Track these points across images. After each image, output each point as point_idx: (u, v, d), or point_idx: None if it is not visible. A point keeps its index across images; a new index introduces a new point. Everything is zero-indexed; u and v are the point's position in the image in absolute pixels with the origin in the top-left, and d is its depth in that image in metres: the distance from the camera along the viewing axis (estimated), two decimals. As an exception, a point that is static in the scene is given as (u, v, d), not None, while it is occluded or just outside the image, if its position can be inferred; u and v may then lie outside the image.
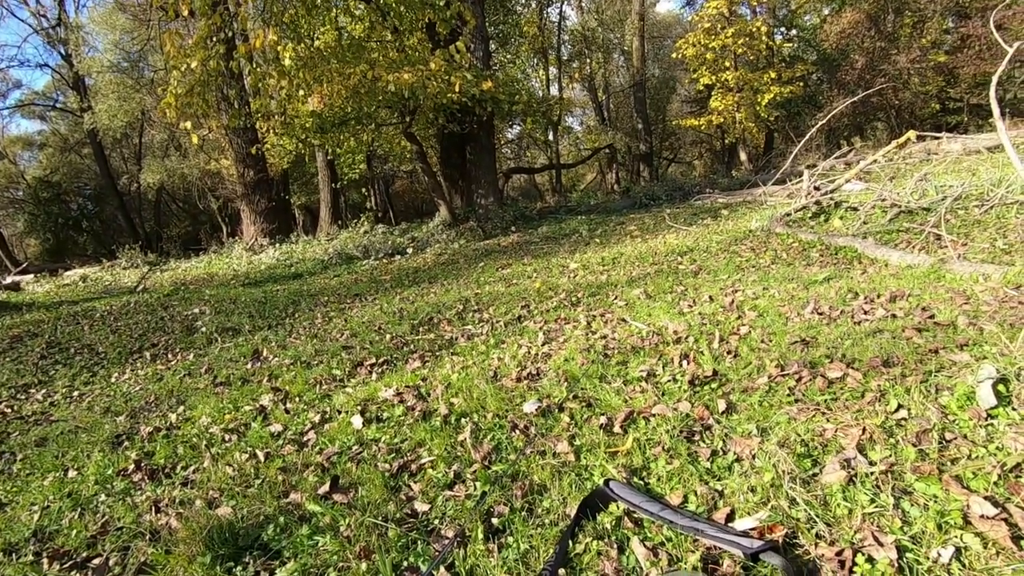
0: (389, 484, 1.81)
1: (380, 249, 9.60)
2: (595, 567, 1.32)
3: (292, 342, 4.14)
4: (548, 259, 6.66)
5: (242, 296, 6.63)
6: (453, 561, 1.41)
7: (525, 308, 4.10)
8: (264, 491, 1.88)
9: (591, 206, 12.42)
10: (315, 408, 2.62)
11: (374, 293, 6.07)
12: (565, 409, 2.13)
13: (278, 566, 1.47)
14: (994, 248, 3.75)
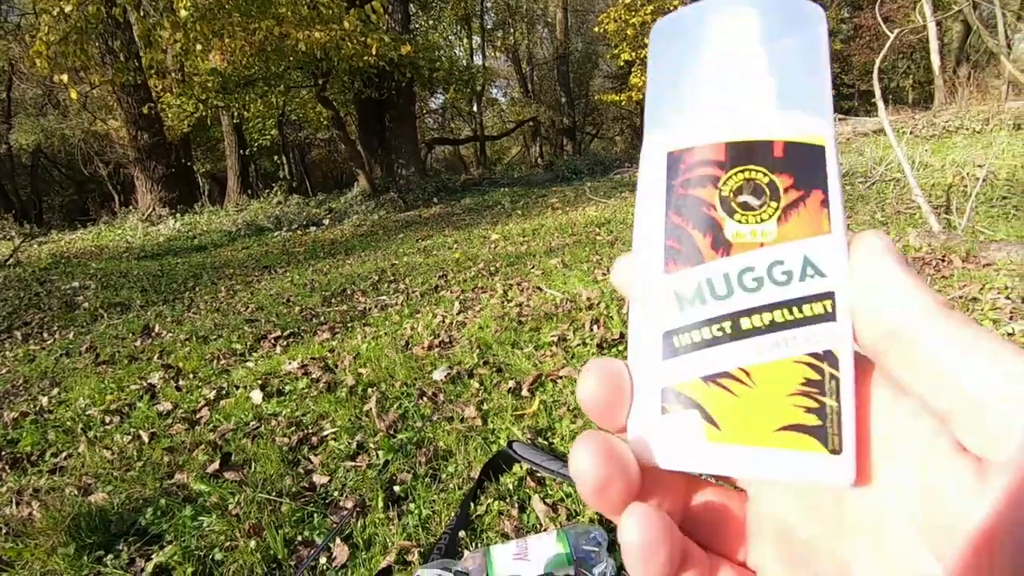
0: (287, 458, 1.71)
1: (294, 220, 9.11)
2: (496, 527, 1.32)
3: (190, 317, 3.84)
4: (469, 230, 6.59)
5: (135, 269, 6.07)
6: (351, 532, 1.36)
7: (443, 278, 4.04)
8: (146, 473, 1.72)
9: (515, 179, 12.41)
10: (211, 384, 2.44)
11: (285, 265, 5.75)
12: (475, 375, 2.11)
13: (156, 551, 1.36)
14: (874, 220, 4.10)
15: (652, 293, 0.20)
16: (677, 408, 0.19)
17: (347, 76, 9.63)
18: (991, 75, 12.52)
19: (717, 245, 0.20)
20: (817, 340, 0.18)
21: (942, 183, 4.56)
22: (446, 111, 21.68)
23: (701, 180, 0.20)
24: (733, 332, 0.19)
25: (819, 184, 0.20)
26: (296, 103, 12.73)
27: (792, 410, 0.18)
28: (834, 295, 0.19)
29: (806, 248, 0.19)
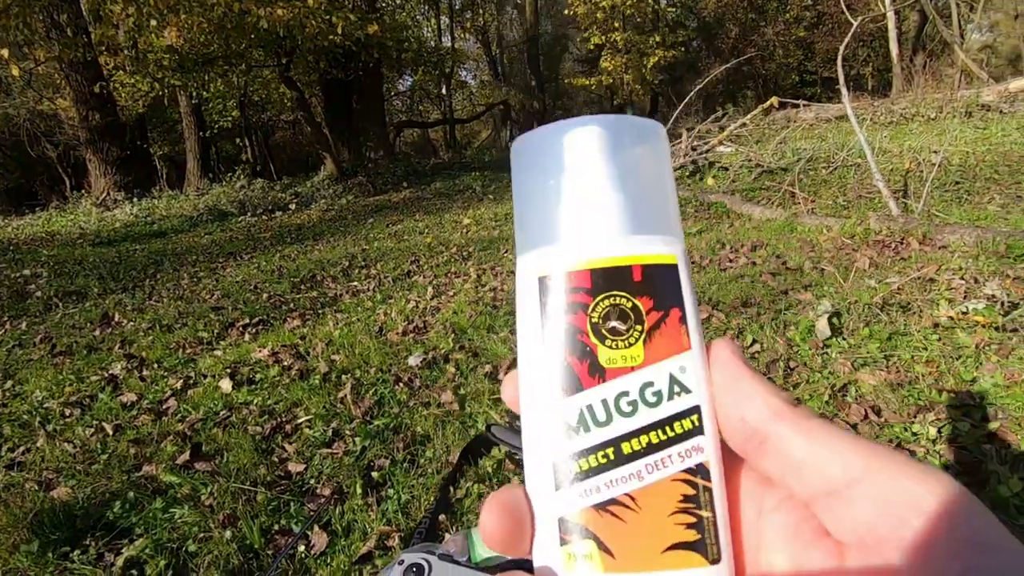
0: (260, 447, 1.68)
1: (259, 205, 8.85)
2: (476, 510, 1.33)
3: (151, 305, 3.71)
4: (441, 215, 6.52)
5: (90, 256, 5.82)
6: (329, 519, 1.35)
7: (415, 263, 3.99)
8: (112, 467, 1.67)
9: (485, 163, 12.31)
10: (177, 374, 2.37)
11: (251, 251, 5.60)
12: (451, 360, 2.10)
13: (126, 545, 1.32)
14: (836, 204, 4.23)
15: (540, 422, 0.21)
16: (575, 538, 0.20)
17: (312, 56, 9.34)
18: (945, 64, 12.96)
19: (593, 372, 0.21)
20: (690, 455, 0.20)
21: (900, 168, 4.72)
22: (414, 93, 21.28)
23: (572, 307, 0.21)
24: (616, 458, 0.20)
25: (676, 302, 0.21)
26: (258, 83, 12.30)
27: (674, 529, 0.20)
28: (700, 409, 0.21)
29: (671, 367, 0.21)
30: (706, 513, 0.20)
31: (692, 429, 0.20)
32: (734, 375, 0.20)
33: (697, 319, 0.22)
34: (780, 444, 0.19)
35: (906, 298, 2.13)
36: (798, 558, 0.19)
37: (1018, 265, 2.36)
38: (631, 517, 0.20)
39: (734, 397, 0.20)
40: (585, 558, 0.20)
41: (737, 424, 0.20)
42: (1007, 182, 4.22)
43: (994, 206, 3.62)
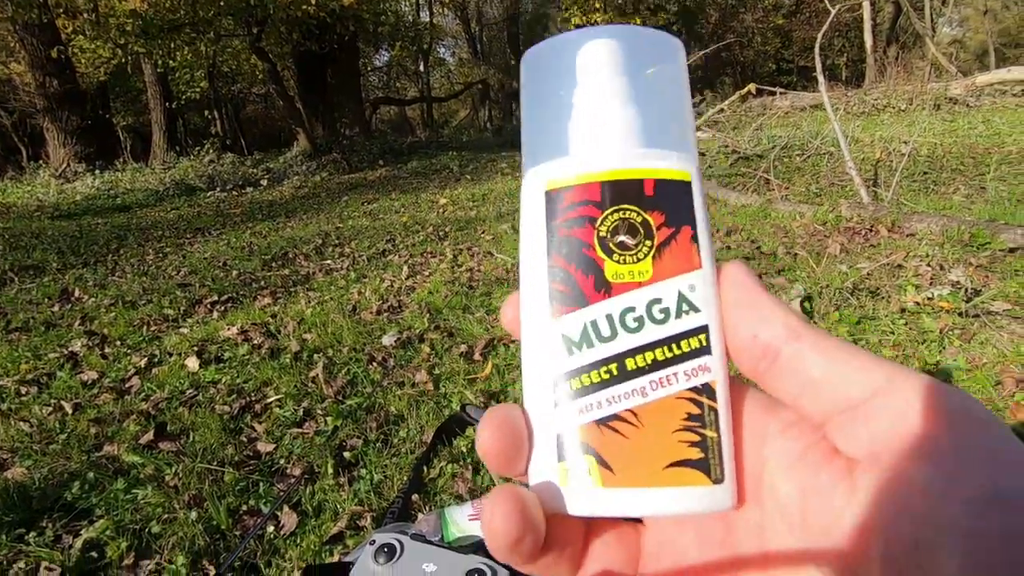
0: (228, 427, 1.64)
1: (229, 180, 8.59)
2: (450, 489, 1.32)
3: (114, 281, 3.58)
4: (417, 194, 6.42)
5: (49, 230, 5.58)
6: (300, 499, 1.33)
7: (390, 242, 3.93)
8: (71, 446, 1.61)
9: (463, 143, 12.16)
10: (140, 352, 2.29)
11: (220, 228, 5.43)
12: (426, 340, 2.08)
13: (85, 526, 1.27)
14: (808, 191, 4.29)
15: (541, 338, 0.21)
16: (575, 455, 0.20)
17: (284, 27, 9.02)
18: (917, 56, 13.20)
19: (599, 286, 0.20)
20: (696, 375, 0.20)
21: (871, 158, 4.81)
22: (391, 69, 20.80)
23: (579, 220, 0.21)
24: (620, 374, 0.20)
25: (688, 220, 0.21)
26: (228, 53, 11.86)
27: (677, 446, 0.19)
28: (708, 328, 0.20)
29: (680, 284, 0.20)
30: (711, 433, 0.19)
31: (699, 348, 0.20)
32: (748, 294, 0.20)
33: (709, 240, 0.21)
34: (796, 362, 0.18)
35: (875, 283, 2.18)
36: (804, 481, 0.18)
37: (981, 253, 2.43)
38: (633, 433, 0.19)
39: (747, 316, 0.19)
40: (583, 473, 0.19)
41: (749, 343, 0.19)
42: (971, 174, 4.34)
43: (959, 196, 3.72)
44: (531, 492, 0.19)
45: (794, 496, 0.18)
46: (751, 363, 0.19)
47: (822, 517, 0.17)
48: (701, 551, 0.21)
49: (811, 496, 0.17)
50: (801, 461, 0.18)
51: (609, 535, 0.22)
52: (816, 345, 0.18)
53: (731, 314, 0.20)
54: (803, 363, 0.18)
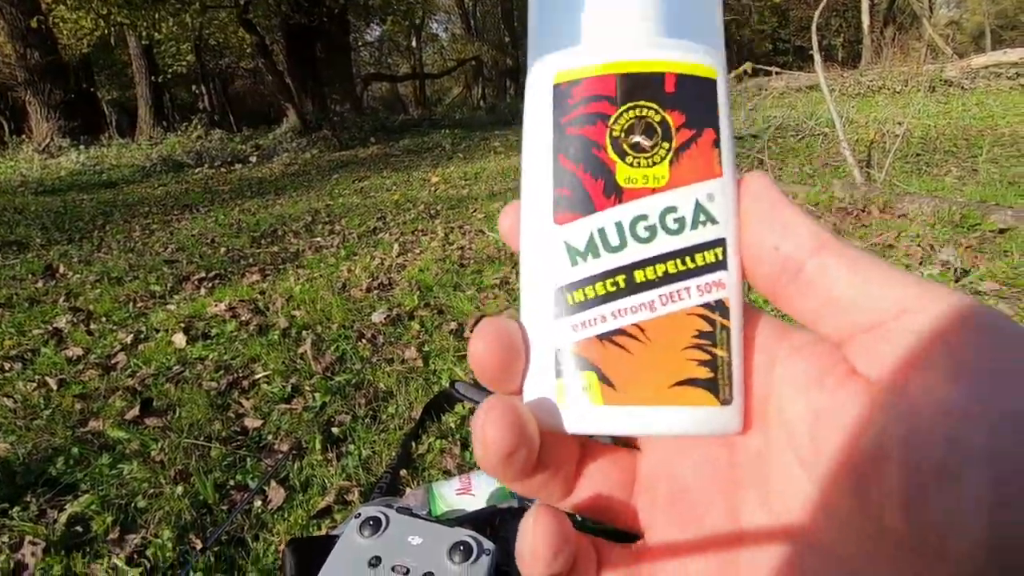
0: (215, 403, 1.63)
1: (217, 157, 8.45)
2: (438, 465, 1.32)
3: (100, 257, 3.52)
4: (409, 172, 6.35)
5: (32, 205, 5.48)
6: (287, 474, 1.32)
7: (381, 220, 3.89)
8: (55, 422, 1.59)
9: (456, 120, 12.01)
10: (127, 328, 2.26)
11: (208, 204, 5.36)
12: (416, 317, 2.07)
13: (70, 501, 1.27)
14: (802, 172, 4.28)
15: (543, 246, 0.19)
16: (574, 370, 0.18)
17: (272, -2, 8.80)
18: (913, 37, 13.12)
19: (609, 191, 0.18)
20: (709, 290, 0.18)
21: (865, 139, 4.79)
22: (383, 45, 20.42)
23: (590, 117, 0.19)
24: (627, 286, 0.18)
25: (711, 122, 0.19)
26: (215, 26, 11.56)
27: (685, 364, 0.18)
28: (725, 242, 0.18)
29: (698, 193, 0.18)
30: (721, 352, 0.18)
31: (715, 263, 0.18)
32: (771, 205, 0.18)
33: (732, 146, 0.19)
34: (820, 277, 0.17)
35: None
36: (817, 403, 0.16)
37: (971, 234, 2.44)
38: (638, 349, 0.18)
39: (769, 227, 0.18)
40: (583, 390, 0.18)
41: (770, 256, 0.18)
42: (964, 155, 4.34)
43: (951, 178, 3.73)
44: (526, 406, 0.18)
45: (805, 419, 0.17)
46: (769, 279, 0.18)
47: (835, 441, 0.15)
48: (699, 478, 0.19)
49: (824, 419, 0.16)
50: (814, 383, 0.17)
51: (604, 458, 0.21)
52: (843, 259, 0.16)
53: (752, 226, 0.18)
54: (828, 278, 0.16)
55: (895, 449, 0.14)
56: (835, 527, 0.16)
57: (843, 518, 0.15)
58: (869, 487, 0.14)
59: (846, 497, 0.15)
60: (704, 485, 0.19)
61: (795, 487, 0.17)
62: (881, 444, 0.14)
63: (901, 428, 0.14)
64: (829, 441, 0.16)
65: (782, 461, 0.17)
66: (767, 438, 0.18)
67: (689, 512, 0.19)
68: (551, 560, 0.18)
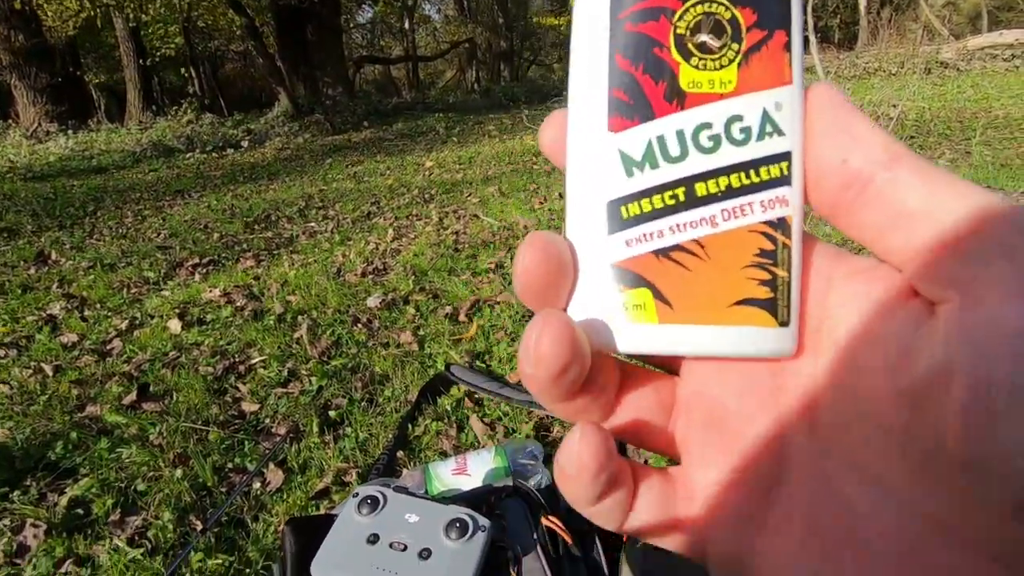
0: (212, 388, 1.64)
1: (208, 142, 8.35)
2: (435, 446, 1.34)
3: (92, 244, 3.50)
4: (403, 157, 6.31)
5: (22, 191, 5.42)
6: (285, 457, 1.34)
7: (375, 205, 3.87)
8: (52, 407, 1.60)
9: (450, 104, 11.89)
10: (121, 314, 2.26)
11: (200, 190, 5.31)
12: (411, 301, 2.07)
13: (70, 484, 1.28)
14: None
15: (595, 155, 0.18)
16: (628, 287, 0.17)
17: (261, -22, 8.63)
18: (910, 18, 13.03)
19: (671, 96, 0.17)
20: (773, 207, 0.17)
21: (860, 121, 4.79)
22: (375, 27, 20.12)
23: (653, 12, 0.17)
24: (687, 200, 0.17)
25: (783, 23, 0.17)
26: (204, 7, 11.34)
27: (745, 283, 0.17)
28: (791, 155, 0.17)
29: (766, 101, 0.17)
30: (782, 272, 0.17)
31: (780, 178, 0.17)
32: (840, 116, 0.17)
33: (802, 51, 0.17)
34: (891, 189, 0.15)
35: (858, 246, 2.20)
36: (874, 324, 0.15)
37: (962, 217, 2.45)
38: (697, 266, 0.17)
39: (838, 139, 0.16)
40: (637, 308, 0.17)
41: (837, 170, 0.16)
42: (958, 138, 4.35)
43: (944, 161, 3.74)
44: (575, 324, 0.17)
45: (859, 343, 0.16)
46: (834, 194, 0.17)
47: (891, 362, 0.15)
48: (741, 403, 0.18)
49: (880, 340, 0.15)
50: (871, 304, 0.16)
51: (643, 382, 0.20)
52: (916, 172, 0.15)
53: (818, 139, 0.17)
54: (898, 192, 0.15)
55: (959, 369, 0.13)
56: (886, 454, 0.15)
57: (894, 443, 0.15)
58: (928, 410, 0.14)
59: (900, 420, 0.14)
60: (746, 410, 0.18)
61: (843, 413, 0.16)
62: (944, 365, 0.13)
63: (968, 347, 0.13)
64: (883, 363, 0.15)
65: (831, 386, 0.17)
66: (816, 362, 0.17)
67: (729, 438, 0.18)
68: (594, 476, 0.17)
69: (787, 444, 0.17)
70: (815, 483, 0.17)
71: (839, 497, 0.16)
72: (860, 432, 0.15)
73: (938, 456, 0.13)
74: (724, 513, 0.18)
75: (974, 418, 0.12)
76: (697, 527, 0.19)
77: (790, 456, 0.17)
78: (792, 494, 0.17)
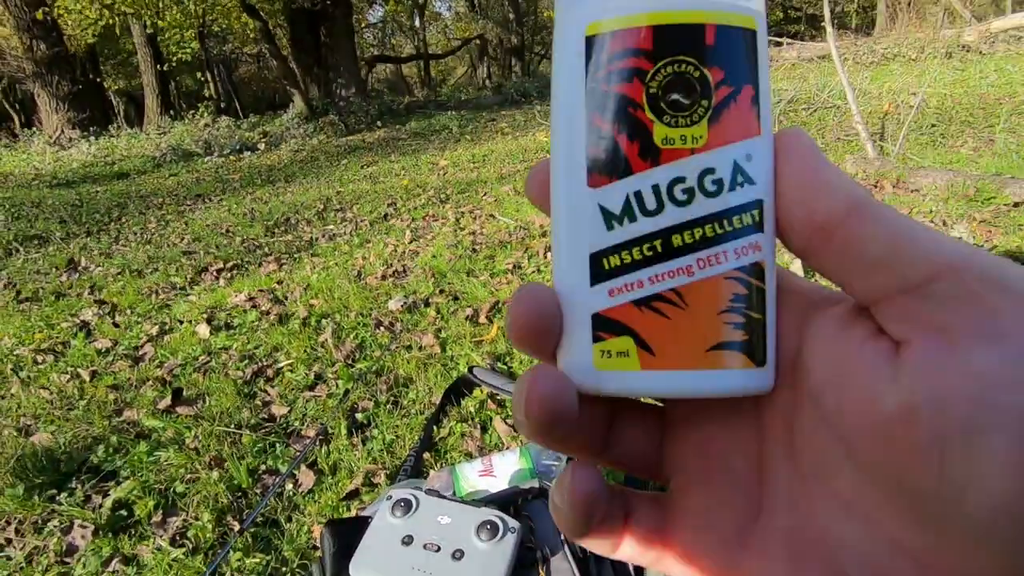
0: (242, 391, 1.69)
1: (225, 145, 8.48)
2: (459, 447, 1.37)
3: (119, 249, 3.59)
4: (417, 156, 6.35)
5: (49, 199, 5.56)
6: (315, 459, 1.38)
7: (392, 206, 3.92)
8: (91, 412, 1.66)
9: (462, 102, 11.91)
10: (151, 320, 2.33)
11: (220, 194, 5.41)
12: (432, 304, 2.11)
13: (113, 487, 1.34)
14: (814, 146, 4.22)
15: (576, 210, 0.19)
16: (612, 336, 0.18)
17: (274, -19, 8.71)
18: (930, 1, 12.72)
19: (645, 153, 0.18)
20: (747, 253, 0.18)
21: (878, 111, 4.71)
22: (386, 25, 20.19)
23: (626, 73, 0.18)
24: (664, 251, 0.18)
25: (750, 78, 0.18)
26: (218, 11, 11.47)
27: (722, 328, 0.18)
28: (762, 203, 0.18)
29: (736, 153, 0.18)
30: (756, 315, 0.18)
31: (752, 225, 0.18)
32: (806, 163, 0.18)
33: (768, 103, 0.18)
34: (855, 241, 0.16)
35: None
36: (843, 362, 0.16)
37: (985, 208, 2.42)
38: (676, 314, 0.18)
39: (804, 187, 0.17)
40: (620, 355, 0.18)
41: (803, 219, 0.17)
42: (981, 125, 4.26)
43: (967, 149, 3.67)
44: (565, 372, 0.19)
45: (830, 378, 0.17)
46: (803, 240, 0.17)
47: (860, 399, 0.15)
48: (725, 431, 0.20)
49: (850, 377, 0.16)
50: (841, 342, 0.17)
51: (632, 414, 0.22)
52: (878, 220, 0.16)
53: (787, 187, 0.18)
54: (861, 240, 0.16)
55: (922, 407, 0.14)
56: (858, 482, 0.16)
57: (866, 473, 0.16)
58: (896, 446, 0.14)
59: (869, 453, 0.15)
60: (730, 438, 0.20)
61: (819, 442, 0.17)
62: (909, 404, 0.14)
63: (929, 387, 0.14)
64: (853, 399, 0.16)
65: (807, 417, 0.17)
66: (794, 394, 0.18)
67: (714, 465, 0.20)
68: (585, 512, 0.19)
69: (768, 471, 0.19)
70: (795, 510, 0.18)
71: (817, 525, 0.17)
72: (836, 463, 0.16)
73: (907, 490, 0.14)
74: (710, 537, 0.19)
75: (934, 455, 0.14)
76: (685, 551, 0.20)
77: (772, 483, 0.19)
78: (774, 519, 0.18)
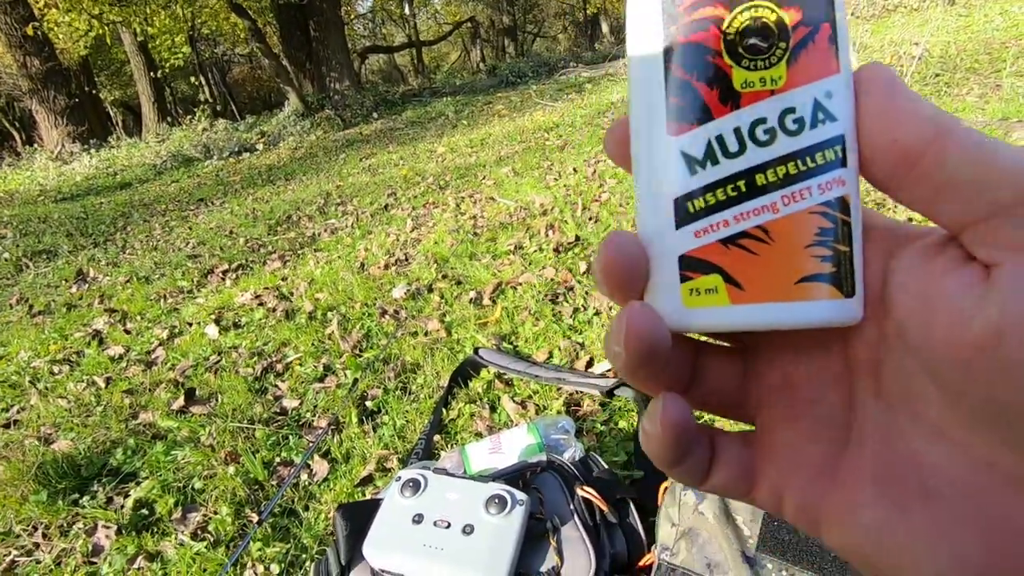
0: (253, 388, 1.71)
1: (224, 147, 8.49)
2: (469, 428, 1.38)
3: (126, 258, 3.63)
4: (415, 145, 6.32)
5: (55, 213, 5.61)
6: (328, 448, 1.40)
7: (392, 196, 3.91)
8: (108, 417, 1.69)
9: (457, 87, 11.80)
10: (161, 324, 2.36)
11: (222, 196, 5.43)
12: (435, 289, 2.11)
13: (133, 487, 1.36)
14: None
15: (659, 159, 0.19)
16: (699, 275, 0.19)
17: (259, -22, 8.63)
18: (931, -52, 12.32)
19: (725, 98, 0.18)
20: (830, 188, 0.18)
21: (881, 64, 4.60)
22: (376, 15, 19.98)
23: (702, 23, 0.18)
24: (748, 190, 0.18)
25: (826, 17, 0.18)
26: (206, 14, 11.43)
27: (809, 261, 0.18)
28: (844, 139, 0.18)
29: (816, 92, 0.18)
30: (843, 247, 0.18)
31: (835, 161, 0.18)
32: (887, 95, 0.17)
33: (847, 40, 0.19)
34: (940, 163, 0.16)
35: (878, 197, 2.15)
36: (929, 289, 0.16)
37: (993, 155, 2.36)
38: (763, 249, 0.18)
39: (886, 119, 0.17)
40: (709, 292, 0.19)
41: (887, 148, 0.17)
42: (987, 71, 4.15)
43: (972, 97, 3.58)
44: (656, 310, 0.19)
45: (916, 307, 0.17)
46: (887, 171, 0.17)
47: (948, 324, 0.15)
48: (811, 368, 0.20)
49: (937, 303, 0.16)
50: (927, 272, 0.17)
51: (716, 354, 0.22)
52: (965, 144, 0.16)
53: (868, 120, 0.18)
54: (948, 164, 0.16)
55: (1009, 327, 0.14)
56: (947, 408, 0.16)
57: (955, 398, 0.15)
58: (982, 366, 0.14)
59: (958, 378, 0.15)
60: (816, 375, 0.20)
61: (907, 373, 0.17)
62: (996, 324, 0.14)
63: (1016, 306, 0.14)
64: (941, 324, 0.16)
65: (894, 348, 0.17)
66: (880, 327, 0.18)
67: (801, 401, 0.20)
68: (675, 439, 0.19)
69: (856, 404, 0.19)
70: (884, 439, 0.18)
71: (907, 451, 0.17)
72: (924, 392, 0.17)
73: (997, 411, 0.14)
74: (799, 470, 0.20)
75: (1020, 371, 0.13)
76: (773, 483, 0.20)
77: (859, 416, 0.19)
78: (863, 450, 0.18)
